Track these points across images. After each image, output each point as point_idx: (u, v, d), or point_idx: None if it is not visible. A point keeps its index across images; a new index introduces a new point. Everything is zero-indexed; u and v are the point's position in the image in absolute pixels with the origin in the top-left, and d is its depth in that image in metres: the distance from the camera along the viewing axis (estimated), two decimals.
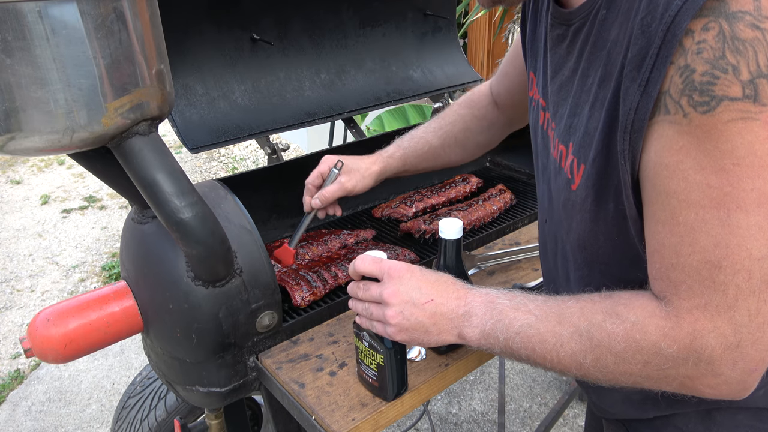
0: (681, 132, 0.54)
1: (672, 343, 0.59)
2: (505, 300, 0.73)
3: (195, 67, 1.37)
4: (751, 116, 0.51)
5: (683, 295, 0.58)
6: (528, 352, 0.69)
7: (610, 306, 0.65)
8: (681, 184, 0.55)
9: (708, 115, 0.52)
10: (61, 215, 4.00)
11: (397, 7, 1.71)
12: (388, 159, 1.20)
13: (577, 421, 2.26)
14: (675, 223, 0.57)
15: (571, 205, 0.72)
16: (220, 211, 0.99)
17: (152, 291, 0.99)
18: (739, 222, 0.53)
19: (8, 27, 0.65)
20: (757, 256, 0.54)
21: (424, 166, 1.23)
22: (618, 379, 0.65)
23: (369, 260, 0.81)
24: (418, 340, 0.78)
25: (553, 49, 0.75)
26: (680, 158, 0.55)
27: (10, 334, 2.82)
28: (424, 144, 1.21)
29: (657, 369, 0.61)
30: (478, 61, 3.97)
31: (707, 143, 0.53)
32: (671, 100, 0.54)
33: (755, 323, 0.56)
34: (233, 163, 4.89)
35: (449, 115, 1.22)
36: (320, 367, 0.99)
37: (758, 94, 0.50)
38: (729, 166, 0.52)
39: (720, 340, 0.57)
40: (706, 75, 0.52)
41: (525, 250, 1.28)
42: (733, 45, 0.50)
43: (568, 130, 0.71)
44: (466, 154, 1.24)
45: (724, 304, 0.56)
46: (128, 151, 0.80)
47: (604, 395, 0.84)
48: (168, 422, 1.51)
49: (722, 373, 0.58)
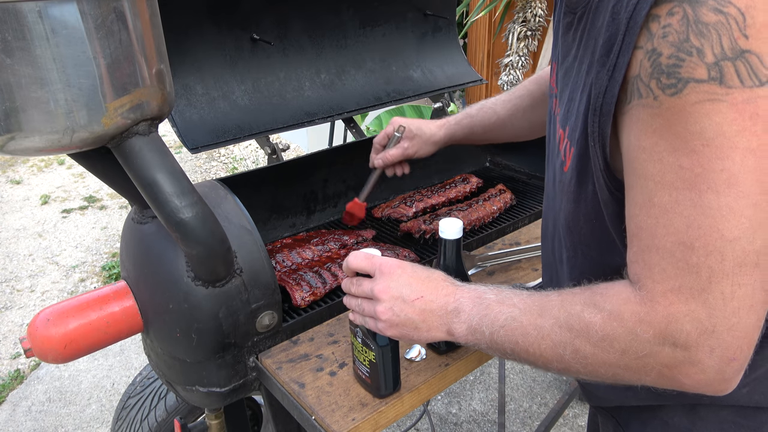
0: (653, 114, 0.55)
1: (648, 328, 0.59)
2: (492, 295, 0.73)
3: (195, 67, 1.37)
4: (717, 98, 0.51)
5: (657, 278, 0.58)
6: (512, 345, 0.69)
7: (589, 296, 0.65)
8: (656, 165, 0.56)
9: (676, 97, 0.53)
10: (61, 215, 4.00)
11: (397, 7, 1.71)
12: (455, 126, 1.25)
13: (577, 421, 2.26)
14: (651, 205, 0.58)
15: (561, 186, 0.75)
16: (220, 211, 0.99)
17: (152, 291, 0.99)
18: (710, 203, 0.54)
19: (8, 27, 0.65)
20: (729, 237, 0.54)
21: (491, 136, 1.27)
22: (598, 371, 0.64)
23: (361, 256, 0.82)
24: (408, 336, 0.78)
25: (563, 36, 0.77)
26: (655, 140, 0.56)
27: (10, 334, 2.82)
28: (492, 114, 1.24)
29: (635, 357, 0.61)
30: (478, 61, 3.97)
31: (677, 125, 0.54)
32: (642, 84, 0.56)
33: (730, 308, 0.55)
34: (233, 163, 4.89)
35: (519, 89, 1.25)
36: (320, 367, 0.99)
37: (723, 76, 0.51)
38: (699, 147, 0.53)
39: (695, 325, 0.57)
40: (672, 58, 0.53)
41: (525, 250, 1.28)
42: (696, 28, 0.52)
43: (566, 114, 0.73)
44: (532, 130, 1.26)
45: (698, 286, 0.56)
46: (128, 151, 0.80)
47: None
48: (168, 422, 1.51)
49: (700, 360, 0.58)
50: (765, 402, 0.71)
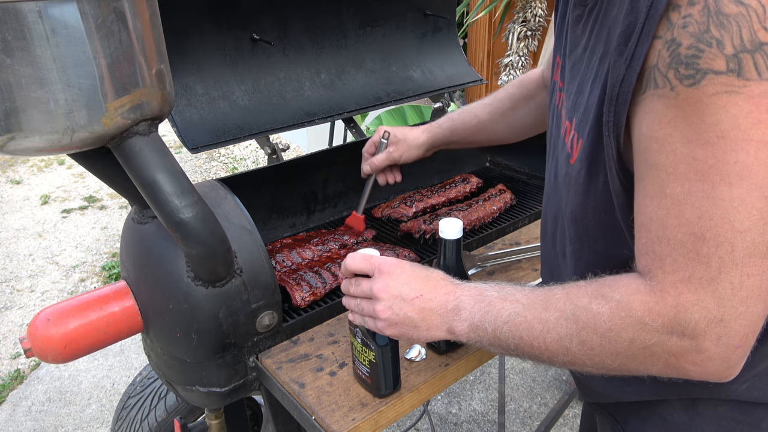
0: (669, 105, 0.55)
1: (656, 317, 0.59)
2: (493, 291, 0.73)
3: (195, 67, 1.37)
4: (735, 90, 0.51)
5: (668, 268, 0.59)
6: (516, 341, 0.69)
7: (596, 288, 0.65)
8: (669, 157, 0.56)
9: (693, 88, 0.53)
10: (61, 215, 4.00)
11: (397, 7, 1.71)
12: (436, 129, 1.28)
13: (577, 421, 2.26)
14: (662, 196, 0.58)
15: (568, 179, 0.75)
16: (220, 211, 0.99)
17: (152, 291, 0.99)
18: (723, 194, 0.54)
19: (8, 27, 0.65)
20: (739, 229, 0.54)
21: (472, 139, 1.29)
22: (605, 362, 0.64)
23: (359, 257, 0.81)
24: (408, 335, 0.78)
25: (572, 28, 0.77)
26: (669, 131, 0.56)
27: (10, 334, 2.82)
28: (472, 117, 1.26)
29: (642, 347, 0.61)
30: (478, 61, 3.97)
31: (693, 116, 0.54)
32: (659, 74, 0.56)
33: (738, 297, 0.56)
34: (233, 163, 4.89)
35: (500, 93, 1.27)
36: (320, 367, 0.99)
37: (742, 68, 0.51)
38: (714, 139, 0.53)
39: (703, 314, 0.57)
40: (691, 48, 0.53)
41: (525, 250, 1.28)
42: (717, 19, 0.51)
43: (573, 106, 0.73)
44: (513, 133, 1.28)
45: (708, 276, 0.56)
46: (128, 151, 0.80)
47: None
48: (168, 422, 1.51)
49: (706, 348, 0.58)
50: (763, 398, 0.71)
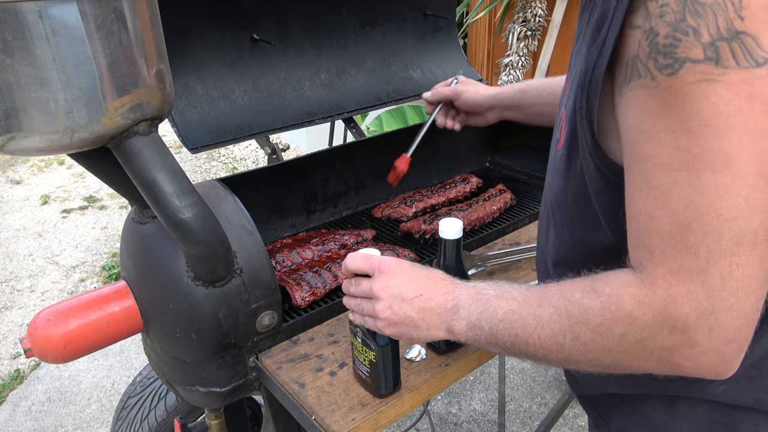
0: (651, 95, 0.55)
1: (646, 310, 0.59)
2: (491, 290, 0.73)
3: (195, 67, 1.37)
4: (713, 78, 0.52)
5: (657, 260, 0.58)
6: (512, 338, 0.69)
7: (588, 283, 0.65)
8: (655, 147, 0.56)
9: (673, 77, 0.53)
10: (61, 215, 4.00)
11: (397, 7, 1.71)
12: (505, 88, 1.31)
13: (577, 421, 2.26)
14: (650, 187, 0.58)
15: (554, 164, 0.76)
16: (220, 211, 0.99)
17: (152, 291, 0.99)
18: (707, 183, 0.54)
19: (8, 27, 0.65)
20: (726, 217, 0.54)
21: (541, 109, 1.28)
22: (599, 359, 0.64)
23: (359, 257, 0.82)
24: (408, 334, 0.78)
25: (579, 19, 0.78)
26: (653, 121, 0.56)
27: (10, 334, 2.82)
28: (545, 86, 1.26)
29: (634, 342, 0.61)
30: (478, 61, 3.97)
31: (674, 105, 0.54)
32: (641, 64, 0.56)
33: (728, 288, 0.55)
34: (233, 163, 4.89)
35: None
36: (320, 367, 0.99)
37: (720, 56, 0.51)
38: (696, 127, 0.53)
39: (693, 306, 0.56)
40: (669, 37, 0.53)
41: (525, 250, 1.28)
42: (693, 8, 0.52)
43: (567, 94, 0.74)
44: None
45: (696, 267, 0.56)
46: (128, 151, 0.80)
47: None
48: (168, 422, 1.51)
49: (699, 342, 0.57)
50: (740, 401, 0.71)
